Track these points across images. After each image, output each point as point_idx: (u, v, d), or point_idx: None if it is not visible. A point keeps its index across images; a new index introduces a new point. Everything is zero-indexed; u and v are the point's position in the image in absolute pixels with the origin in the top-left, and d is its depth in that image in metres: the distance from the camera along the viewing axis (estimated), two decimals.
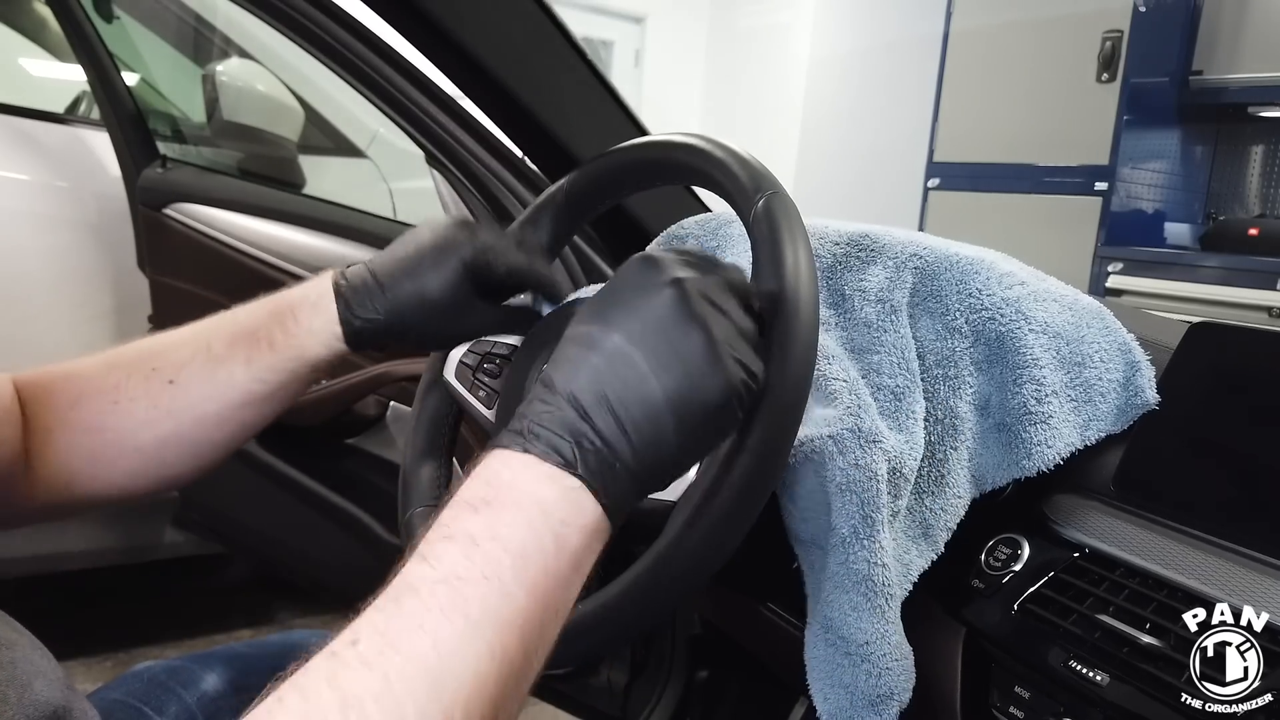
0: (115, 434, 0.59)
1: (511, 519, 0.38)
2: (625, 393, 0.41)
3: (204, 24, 1.86)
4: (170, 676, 0.72)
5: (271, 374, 0.61)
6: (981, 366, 0.62)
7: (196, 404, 0.60)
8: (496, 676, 0.35)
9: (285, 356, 0.60)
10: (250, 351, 0.60)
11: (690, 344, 0.42)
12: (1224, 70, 3.13)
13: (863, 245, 0.66)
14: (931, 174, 3.75)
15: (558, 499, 0.39)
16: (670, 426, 0.42)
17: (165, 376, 0.59)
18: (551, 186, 0.68)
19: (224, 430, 0.61)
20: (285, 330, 0.60)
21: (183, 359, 0.60)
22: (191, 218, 1.48)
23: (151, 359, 0.60)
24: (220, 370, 0.60)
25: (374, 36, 1.08)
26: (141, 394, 0.59)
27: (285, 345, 0.60)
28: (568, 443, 0.40)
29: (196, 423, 0.60)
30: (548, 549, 0.38)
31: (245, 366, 0.60)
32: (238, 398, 0.60)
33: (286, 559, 1.51)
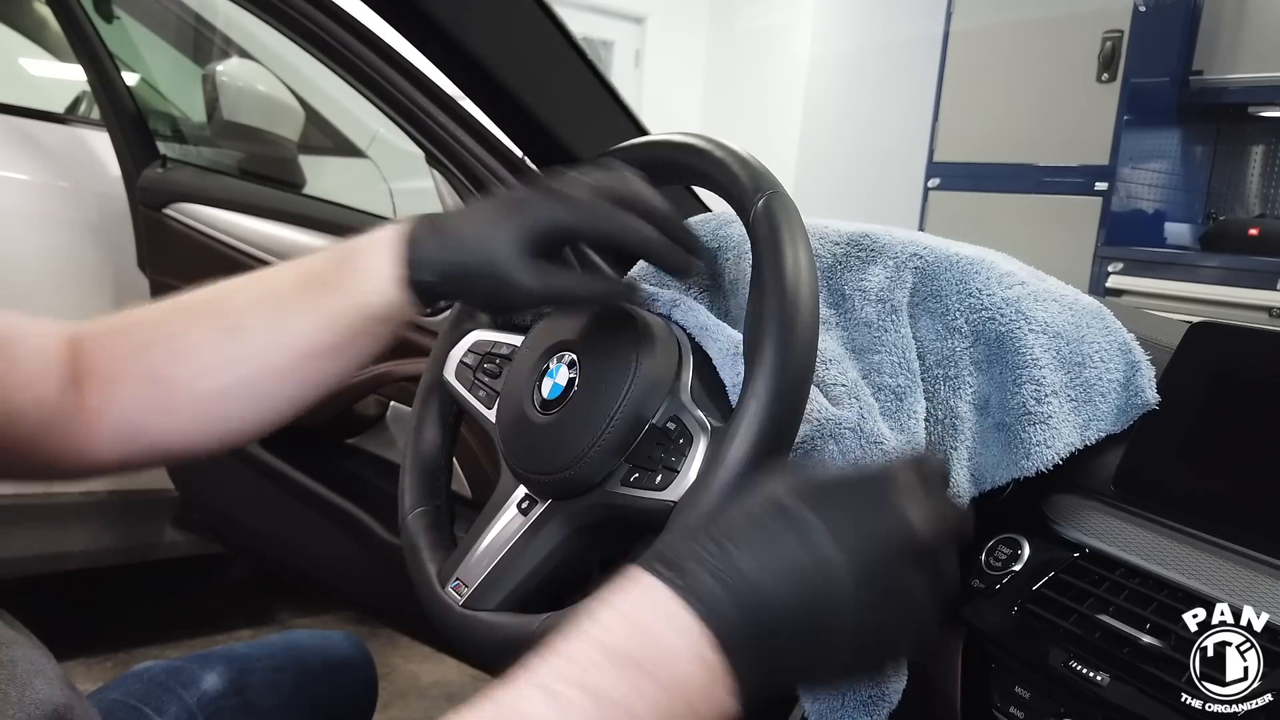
0: (177, 383, 0.56)
1: (653, 695, 0.36)
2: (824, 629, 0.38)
3: (204, 24, 1.86)
4: (170, 676, 0.72)
5: (336, 322, 0.56)
6: (981, 366, 0.62)
7: (260, 353, 0.57)
8: None
9: (348, 303, 0.56)
10: (316, 297, 0.57)
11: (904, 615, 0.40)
12: (1224, 70, 3.13)
13: (863, 245, 0.66)
14: (931, 174, 3.75)
15: (703, 694, 0.37)
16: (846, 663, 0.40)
17: (229, 323, 0.57)
18: None
19: (289, 384, 0.58)
20: (350, 273, 0.56)
21: (247, 304, 0.58)
22: (192, 218, 1.48)
23: (215, 304, 0.58)
24: (284, 317, 0.57)
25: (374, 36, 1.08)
26: (204, 341, 0.57)
27: (349, 291, 0.56)
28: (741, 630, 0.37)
29: (261, 374, 0.57)
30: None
31: (311, 313, 0.57)
32: (304, 346, 0.57)
33: (286, 559, 1.51)
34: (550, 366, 0.58)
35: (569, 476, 0.54)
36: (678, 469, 0.52)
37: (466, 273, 0.55)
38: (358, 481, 1.31)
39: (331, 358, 0.58)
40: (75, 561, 1.73)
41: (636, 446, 0.54)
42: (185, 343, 0.57)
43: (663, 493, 0.51)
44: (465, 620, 0.59)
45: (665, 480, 0.52)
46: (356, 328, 0.57)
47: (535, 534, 0.58)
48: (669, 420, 0.54)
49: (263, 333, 0.57)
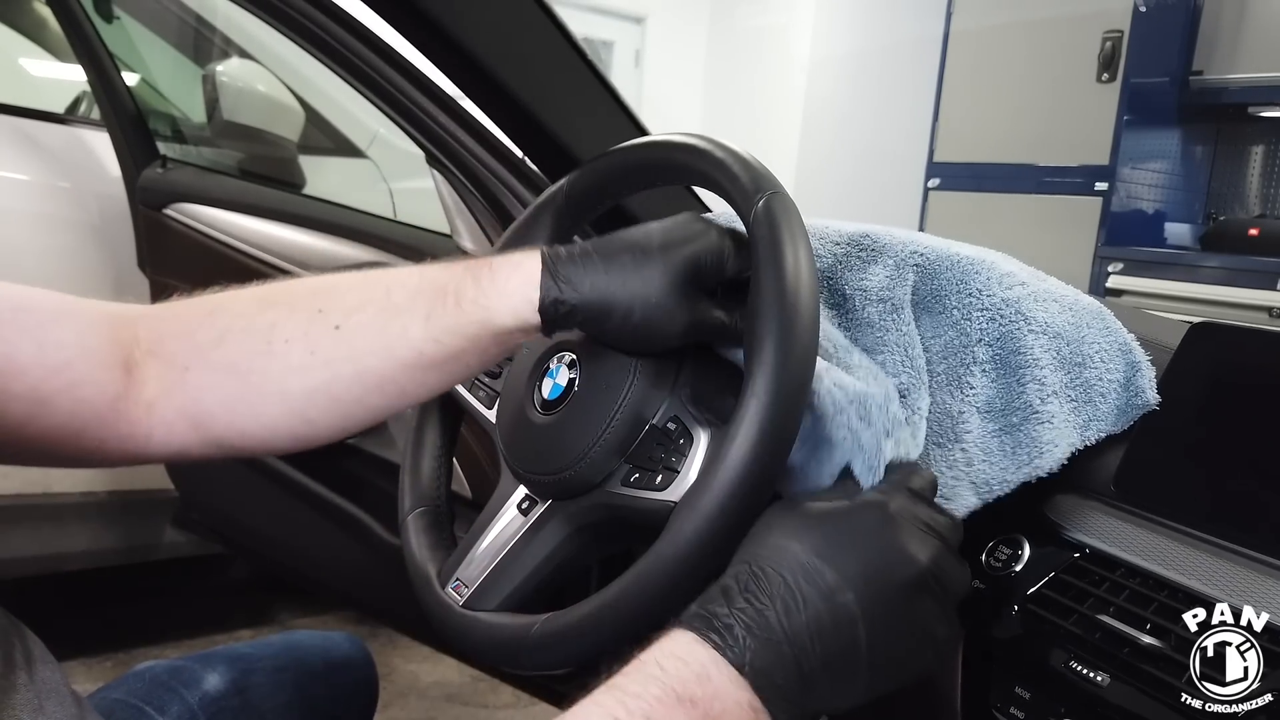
0: (260, 378, 0.53)
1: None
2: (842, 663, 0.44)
3: (204, 24, 1.86)
4: (172, 676, 0.72)
5: (450, 336, 0.53)
6: (984, 368, 0.62)
7: (360, 356, 0.53)
8: None
9: (470, 318, 0.53)
10: (433, 305, 0.53)
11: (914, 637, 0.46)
12: (1224, 70, 3.13)
13: (863, 245, 0.65)
14: (931, 174, 3.76)
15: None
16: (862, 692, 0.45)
17: (331, 321, 0.53)
18: (551, 186, 0.68)
19: (382, 393, 0.55)
20: (479, 285, 0.53)
21: (356, 303, 0.54)
22: (192, 218, 1.48)
23: (318, 299, 0.54)
24: (395, 322, 0.53)
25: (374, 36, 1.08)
26: (299, 336, 0.53)
27: (473, 303, 0.53)
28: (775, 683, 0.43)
29: (356, 378, 0.54)
30: None
31: (424, 322, 0.53)
32: (408, 357, 0.53)
33: (287, 559, 1.51)
34: (551, 367, 0.58)
35: (569, 477, 0.54)
36: (678, 469, 0.52)
37: (607, 300, 0.52)
38: (358, 482, 1.31)
39: (434, 371, 0.55)
40: (75, 562, 1.73)
41: (637, 447, 0.54)
42: (279, 335, 0.53)
43: (663, 493, 0.51)
44: (465, 620, 0.59)
45: (665, 480, 0.52)
46: (471, 343, 0.54)
47: (535, 534, 0.58)
48: (669, 420, 0.54)
49: (368, 336, 0.53)
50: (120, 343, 0.53)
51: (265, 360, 0.53)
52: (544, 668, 0.54)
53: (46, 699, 0.45)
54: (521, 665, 0.55)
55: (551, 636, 0.52)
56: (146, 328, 0.54)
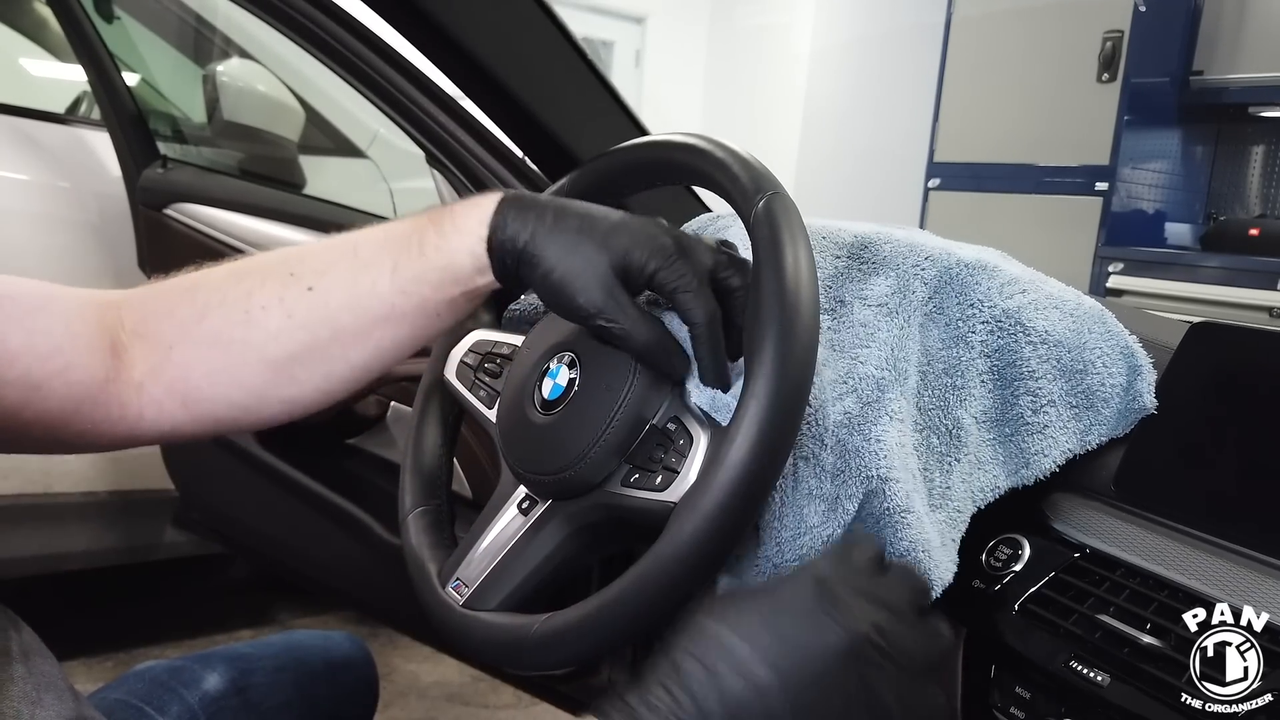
0: (243, 347, 0.54)
1: None
2: None
3: (204, 24, 1.86)
4: (172, 676, 0.72)
5: (416, 284, 0.54)
6: (984, 378, 0.62)
7: (334, 315, 0.55)
8: None
9: (433, 263, 0.54)
10: (399, 256, 0.54)
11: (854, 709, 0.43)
12: (1224, 70, 3.13)
13: (864, 258, 0.65)
14: (932, 174, 3.75)
15: None
16: None
17: (304, 283, 0.55)
18: (552, 187, 0.68)
19: (361, 348, 0.56)
20: (440, 230, 0.54)
21: (325, 264, 0.55)
22: (192, 218, 1.48)
23: (289, 264, 0.56)
24: (364, 276, 0.55)
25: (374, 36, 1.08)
26: (275, 302, 0.54)
27: (435, 249, 0.54)
28: None
29: (334, 337, 0.55)
30: None
31: (390, 275, 0.54)
32: (380, 310, 0.55)
33: (287, 559, 1.51)
34: (551, 367, 0.58)
35: (569, 477, 0.54)
36: (678, 470, 0.52)
37: (548, 254, 0.53)
38: (358, 481, 1.31)
39: (407, 323, 0.56)
40: (75, 561, 1.73)
41: (637, 447, 0.54)
42: (255, 303, 0.55)
43: (663, 493, 0.51)
44: (465, 620, 0.58)
45: (665, 481, 0.52)
46: (435, 290, 0.55)
47: (535, 534, 0.58)
48: (669, 421, 0.54)
49: (340, 293, 0.55)
50: (106, 327, 0.54)
51: (245, 329, 0.55)
52: (544, 668, 0.54)
53: (44, 692, 0.45)
54: (522, 665, 0.55)
55: (552, 636, 0.52)
56: (130, 311, 0.55)
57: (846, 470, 0.55)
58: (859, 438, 0.56)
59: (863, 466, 0.55)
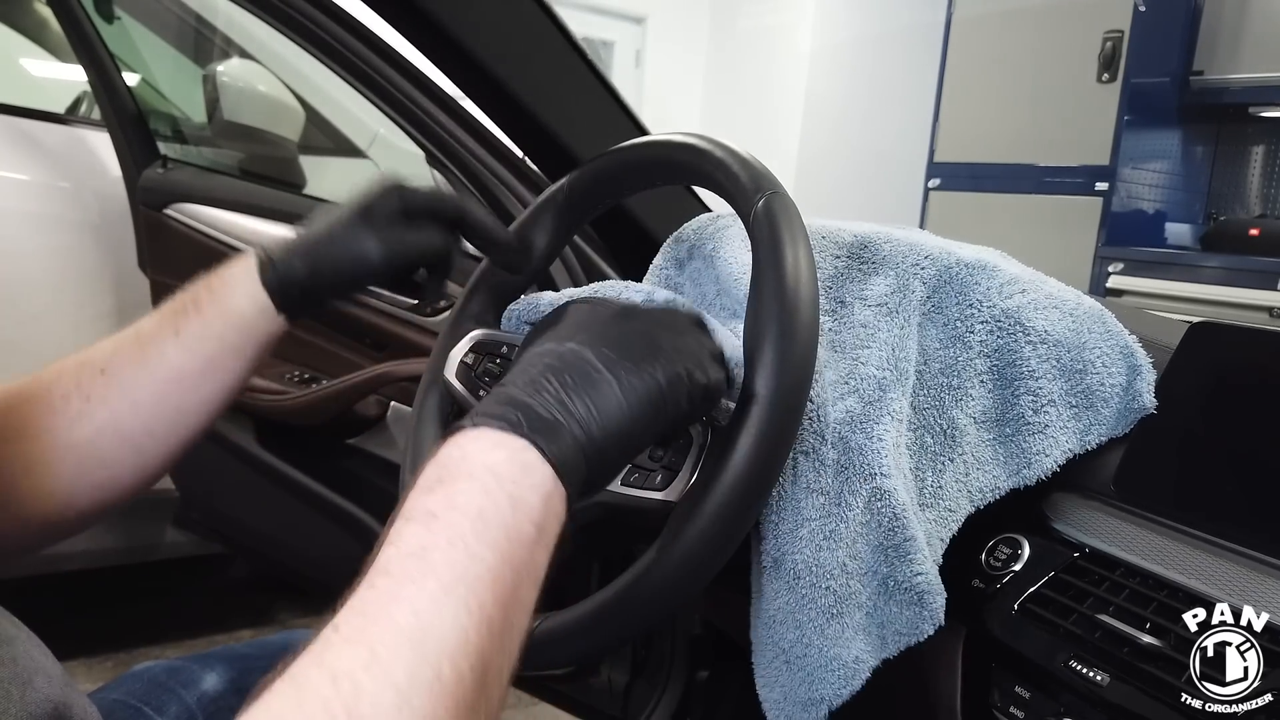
0: (50, 435, 0.57)
1: (466, 488, 0.39)
2: (572, 373, 0.44)
3: (205, 24, 1.86)
4: (171, 677, 0.72)
5: (200, 343, 0.59)
6: (983, 378, 0.62)
7: (129, 389, 0.58)
8: (478, 631, 0.36)
9: (212, 321, 0.59)
10: (178, 323, 0.59)
11: (636, 337, 0.47)
12: (1224, 70, 3.13)
13: (864, 258, 0.65)
14: (932, 174, 3.75)
15: (506, 461, 0.40)
16: (615, 402, 0.44)
17: (97, 367, 0.58)
18: (552, 186, 0.68)
19: (161, 418, 0.59)
20: (213, 292, 0.60)
21: (113, 348, 0.59)
22: (192, 218, 1.48)
23: (82, 356, 0.59)
24: (150, 348, 0.59)
25: (374, 36, 1.08)
26: (73, 389, 0.57)
27: (211, 308, 0.59)
28: (512, 411, 0.42)
29: (132, 410, 0.58)
30: (504, 509, 0.39)
31: (174, 339, 0.59)
32: (170, 375, 0.58)
33: (287, 559, 1.51)
34: None
35: None
36: (677, 469, 0.52)
37: (318, 257, 0.60)
38: (358, 481, 1.31)
39: (200, 384, 0.60)
40: (75, 561, 1.73)
41: None
42: (55, 393, 0.57)
43: (662, 493, 0.51)
44: None
45: (665, 480, 0.52)
46: (220, 346, 0.59)
47: None
48: None
49: (129, 369, 0.58)
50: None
51: (49, 418, 0.57)
52: (544, 667, 0.54)
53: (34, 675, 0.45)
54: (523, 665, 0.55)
55: (552, 636, 0.52)
56: None
57: (850, 467, 0.55)
58: (861, 435, 0.56)
59: (865, 464, 0.55)
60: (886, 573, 0.55)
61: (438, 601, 0.35)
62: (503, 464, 0.40)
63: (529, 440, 0.41)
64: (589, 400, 0.44)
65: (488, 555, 0.37)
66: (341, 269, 0.61)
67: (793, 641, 0.56)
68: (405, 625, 0.34)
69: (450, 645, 0.35)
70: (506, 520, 0.39)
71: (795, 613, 0.56)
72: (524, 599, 0.39)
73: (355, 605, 0.36)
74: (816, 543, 0.55)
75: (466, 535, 0.37)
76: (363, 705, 0.32)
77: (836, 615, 0.55)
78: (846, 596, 0.55)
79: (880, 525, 0.55)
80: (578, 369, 0.44)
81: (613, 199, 0.68)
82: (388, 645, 0.34)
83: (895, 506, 0.55)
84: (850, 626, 0.55)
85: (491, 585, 0.37)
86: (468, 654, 0.35)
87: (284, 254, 0.60)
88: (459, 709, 0.34)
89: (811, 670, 0.56)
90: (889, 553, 0.55)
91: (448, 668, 0.34)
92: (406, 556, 0.37)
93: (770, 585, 0.57)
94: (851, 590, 0.55)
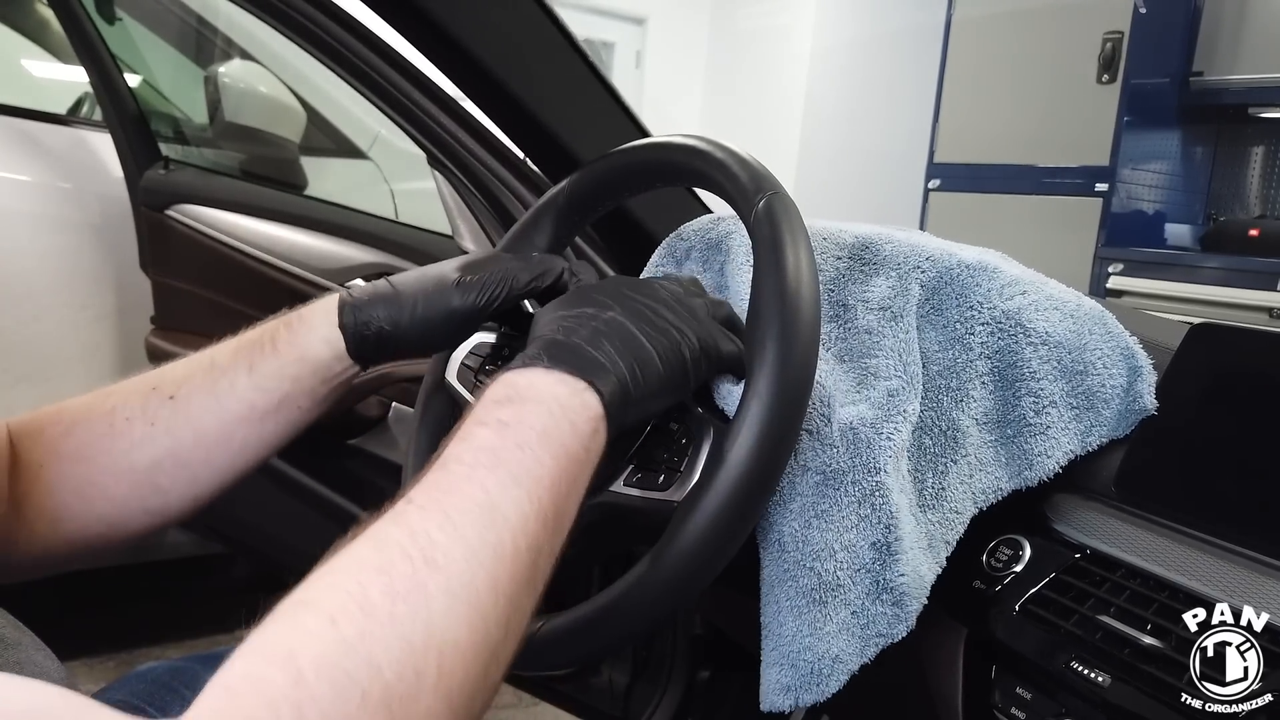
0: (108, 458, 0.56)
1: (534, 409, 0.45)
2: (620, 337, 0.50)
3: (206, 25, 1.86)
4: (173, 677, 0.72)
5: (274, 381, 0.58)
6: (984, 379, 0.62)
7: (196, 419, 0.57)
8: (537, 519, 0.42)
9: (288, 359, 0.58)
10: (253, 357, 0.58)
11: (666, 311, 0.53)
12: (1224, 71, 3.13)
13: (865, 259, 0.65)
14: (932, 175, 3.75)
15: (569, 395, 0.46)
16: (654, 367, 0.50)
17: (165, 393, 0.57)
18: (553, 188, 0.68)
19: (224, 450, 0.59)
20: (290, 331, 0.59)
21: (184, 374, 0.58)
22: (194, 219, 1.48)
23: (151, 380, 0.59)
24: (222, 380, 0.58)
25: (375, 38, 1.08)
26: (138, 413, 0.57)
27: (288, 346, 0.58)
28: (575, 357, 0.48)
29: (196, 440, 0.58)
30: (565, 431, 0.45)
31: (248, 374, 0.58)
32: (240, 409, 0.58)
33: (289, 559, 1.51)
34: None
35: None
36: (680, 469, 0.52)
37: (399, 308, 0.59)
38: (360, 482, 1.31)
39: (268, 420, 0.59)
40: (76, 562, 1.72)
41: (639, 446, 0.54)
42: (119, 416, 0.57)
43: (665, 493, 0.52)
44: None
45: (668, 480, 0.52)
46: (294, 386, 0.59)
47: None
48: (672, 420, 0.54)
49: (198, 398, 0.58)
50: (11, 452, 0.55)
51: (110, 440, 0.56)
52: (546, 668, 0.55)
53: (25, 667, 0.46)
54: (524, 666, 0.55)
55: (555, 637, 0.52)
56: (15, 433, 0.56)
57: (856, 458, 0.56)
58: (871, 431, 0.56)
59: (872, 458, 0.55)
60: (878, 571, 0.55)
61: (506, 488, 0.41)
62: (566, 396, 0.46)
63: (588, 382, 0.47)
64: (635, 361, 0.49)
65: (550, 464, 0.43)
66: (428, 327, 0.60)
67: (771, 618, 0.56)
68: (477, 498, 0.40)
69: (514, 524, 0.40)
70: (566, 440, 0.45)
71: (775, 587, 0.56)
72: (569, 510, 0.45)
73: (429, 483, 0.41)
74: (806, 519, 0.55)
75: (533, 443, 0.43)
76: (436, 554, 0.37)
77: (818, 602, 0.54)
78: (832, 586, 0.55)
79: (880, 521, 0.55)
80: (623, 333, 0.50)
81: (614, 201, 0.69)
82: (461, 511, 0.39)
83: (892, 505, 0.55)
84: (834, 621, 0.55)
85: (550, 487, 0.43)
86: (528, 534, 0.41)
87: (366, 300, 0.59)
88: (515, 578, 0.39)
89: (785, 654, 0.55)
90: (881, 551, 0.55)
91: (509, 541, 0.39)
92: (479, 450, 0.42)
93: (763, 554, 0.57)
94: (839, 582, 0.55)
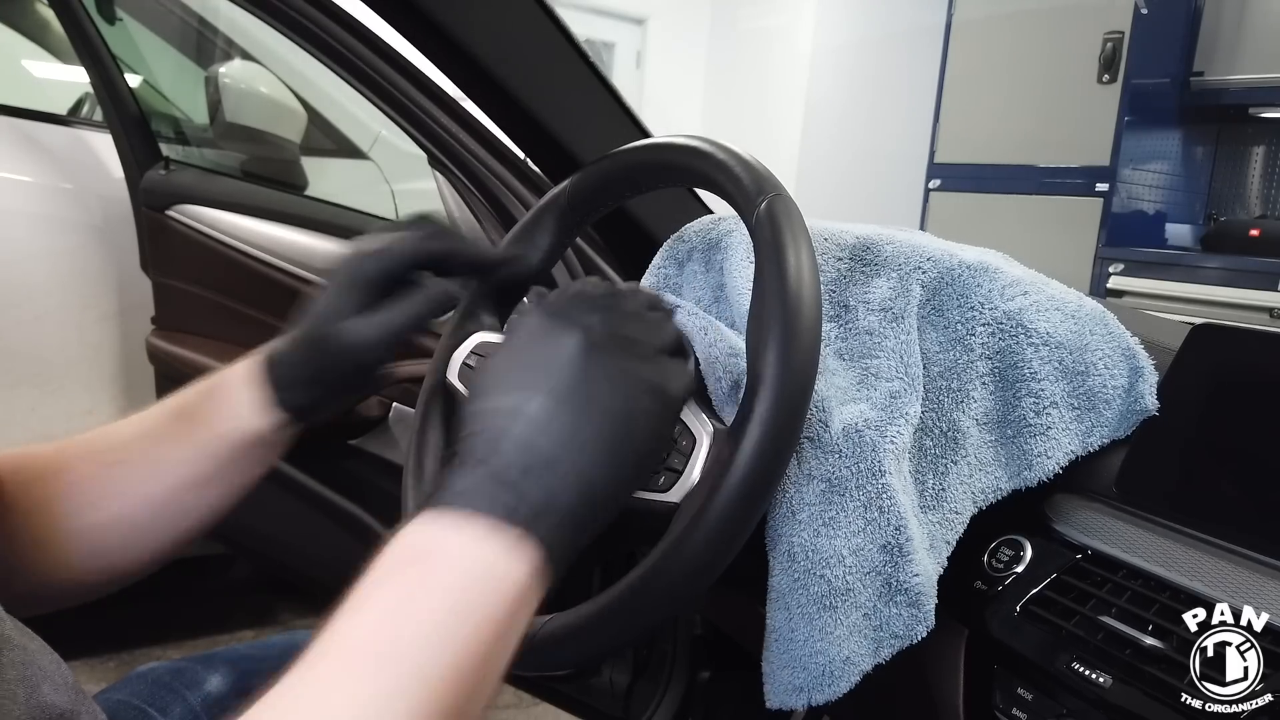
0: (61, 516, 0.56)
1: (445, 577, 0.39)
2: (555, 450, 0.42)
3: (206, 26, 1.86)
4: (174, 677, 0.72)
5: (206, 454, 0.58)
6: (984, 380, 0.62)
7: (140, 485, 0.58)
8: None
9: (214, 434, 0.58)
10: (186, 428, 0.58)
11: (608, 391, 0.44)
12: (1225, 71, 3.13)
13: (866, 260, 0.65)
14: (932, 175, 3.75)
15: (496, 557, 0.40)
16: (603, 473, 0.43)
17: (110, 458, 0.58)
18: (554, 189, 0.68)
19: (168, 516, 0.59)
20: (213, 403, 0.58)
21: (125, 439, 0.58)
22: (194, 219, 1.48)
23: (97, 441, 0.59)
24: (161, 449, 0.58)
25: (376, 38, 1.08)
26: (89, 475, 0.57)
27: (214, 422, 0.58)
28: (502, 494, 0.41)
29: (142, 505, 0.58)
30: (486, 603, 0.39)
31: (183, 446, 0.58)
32: (178, 480, 0.58)
33: (289, 560, 1.51)
34: None
35: None
36: (680, 470, 0.52)
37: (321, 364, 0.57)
38: (360, 482, 1.31)
39: (207, 488, 0.59)
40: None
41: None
42: (70, 477, 0.57)
43: (665, 494, 0.52)
44: None
45: (668, 482, 0.52)
46: (227, 458, 0.58)
47: None
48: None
49: (141, 465, 0.58)
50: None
51: (62, 499, 0.56)
52: (546, 669, 0.54)
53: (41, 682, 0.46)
54: (524, 666, 0.55)
55: (554, 638, 0.52)
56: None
57: (860, 462, 0.56)
58: (874, 433, 0.56)
59: (876, 461, 0.56)
60: (890, 573, 0.55)
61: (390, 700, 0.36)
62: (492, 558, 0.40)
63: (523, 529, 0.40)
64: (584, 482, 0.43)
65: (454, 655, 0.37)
66: (341, 364, 0.57)
67: (781, 623, 0.56)
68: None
69: None
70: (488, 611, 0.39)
71: (786, 595, 0.56)
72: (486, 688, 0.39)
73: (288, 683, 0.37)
74: (815, 528, 0.55)
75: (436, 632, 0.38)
76: None
77: (829, 607, 0.55)
78: (842, 591, 0.55)
79: (888, 524, 0.55)
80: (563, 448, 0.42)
81: (615, 201, 0.69)
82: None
83: (899, 506, 0.55)
84: (844, 625, 0.55)
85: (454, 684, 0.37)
86: None
87: (286, 353, 0.58)
88: None
89: (796, 656, 0.56)
90: (892, 553, 0.55)
91: None
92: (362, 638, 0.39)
93: (773, 564, 0.57)
94: (849, 586, 0.55)
